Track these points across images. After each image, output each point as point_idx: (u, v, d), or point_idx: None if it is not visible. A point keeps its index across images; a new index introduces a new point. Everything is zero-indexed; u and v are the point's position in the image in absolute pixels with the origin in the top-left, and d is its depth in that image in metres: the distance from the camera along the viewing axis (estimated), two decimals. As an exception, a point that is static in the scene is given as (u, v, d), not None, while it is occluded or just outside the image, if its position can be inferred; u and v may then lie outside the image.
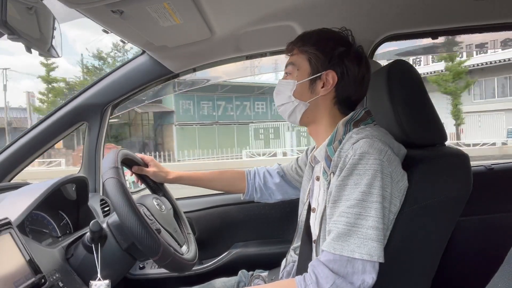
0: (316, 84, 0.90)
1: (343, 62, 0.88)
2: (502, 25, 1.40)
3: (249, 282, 1.17)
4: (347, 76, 0.88)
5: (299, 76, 0.91)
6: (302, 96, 0.91)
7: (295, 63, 0.93)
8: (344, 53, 0.88)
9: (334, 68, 0.88)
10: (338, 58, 0.88)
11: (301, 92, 0.91)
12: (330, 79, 0.88)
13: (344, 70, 0.88)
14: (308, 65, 0.90)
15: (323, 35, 0.92)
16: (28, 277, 0.78)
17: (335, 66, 0.88)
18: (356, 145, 0.78)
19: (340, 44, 0.89)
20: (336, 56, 0.88)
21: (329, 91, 0.89)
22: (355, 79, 0.89)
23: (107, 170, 0.93)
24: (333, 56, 0.88)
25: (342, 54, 0.88)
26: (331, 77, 0.88)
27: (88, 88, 1.49)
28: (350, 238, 0.74)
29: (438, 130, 0.93)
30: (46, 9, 0.78)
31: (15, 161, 1.42)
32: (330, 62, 0.88)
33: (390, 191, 0.77)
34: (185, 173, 1.25)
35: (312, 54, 0.90)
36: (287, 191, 1.22)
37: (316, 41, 0.90)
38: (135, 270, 1.54)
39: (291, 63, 0.94)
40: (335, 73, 0.88)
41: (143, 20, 1.03)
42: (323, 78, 0.89)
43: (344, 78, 0.88)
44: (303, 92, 0.91)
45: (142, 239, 0.85)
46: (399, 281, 0.85)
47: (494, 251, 0.83)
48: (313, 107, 0.92)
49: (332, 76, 0.88)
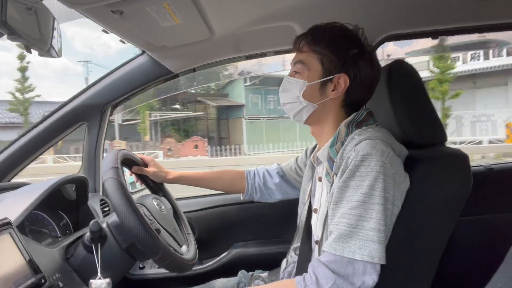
0: (327, 86, 0.87)
1: (357, 65, 0.85)
2: (502, 25, 1.40)
3: (249, 283, 1.16)
4: (359, 79, 0.85)
5: (310, 77, 0.87)
6: (312, 97, 0.88)
7: (305, 62, 0.88)
8: (358, 55, 0.85)
9: (347, 71, 0.85)
10: (351, 61, 0.85)
11: (310, 94, 0.88)
12: (342, 83, 0.85)
13: (357, 73, 0.85)
14: (320, 66, 0.87)
15: (336, 33, 0.87)
16: (28, 277, 0.78)
17: (348, 69, 0.85)
18: (358, 146, 0.78)
19: (353, 45, 0.86)
20: (350, 59, 0.85)
21: (340, 94, 0.87)
22: (366, 82, 0.87)
23: (107, 170, 0.93)
24: (346, 58, 0.84)
25: (355, 56, 0.85)
26: (343, 81, 0.85)
27: (88, 88, 1.49)
28: (351, 239, 0.73)
29: (438, 130, 0.93)
30: (46, 9, 0.78)
31: (15, 161, 1.42)
32: (343, 65, 0.85)
33: (393, 193, 0.76)
34: (185, 173, 1.25)
35: (325, 55, 0.86)
36: (287, 191, 1.22)
37: (329, 41, 0.86)
38: (135, 270, 1.54)
39: (301, 61, 0.89)
40: (347, 76, 0.85)
41: (143, 20, 1.03)
42: (334, 81, 0.86)
43: (356, 81, 0.85)
44: (313, 93, 0.88)
45: (142, 239, 0.85)
46: (399, 280, 0.85)
47: (494, 251, 0.83)
48: (320, 109, 0.89)
49: (344, 80, 0.85)
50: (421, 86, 0.94)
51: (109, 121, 1.58)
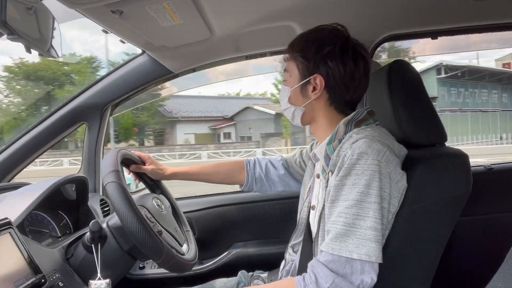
0: (307, 88, 0.91)
1: (327, 64, 0.87)
2: (502, 25, 1.40)
3: (249, 283, 1.16)
4: (333, 77, 0.87)
5: (291, 83, 0.94)
6: (296, 101, 0.94)
7: (288, 70, 0.96)
8: (328, 54, 0.87)
9: (319, 71, 0.88)
10: (321, 61, 0.88)
11: (294, 98, 0.94)
12: (319, 83, 0.89)
13: (329, 71, 0.87)
14: (297, 71, 0.92)
15: (308, 38, 0.92)
16: (28, 277, 0.78)
17: (320, 69, 0.88)
18: (355, 144, 0.78)
19: (325, 45, 0.88)
20: (319, 59, 0.88)
21: (321, 94, 0.90)
22: (343, 77, 0.87)
23: (107, 174, 0.92)
24: (316, 59, 0.88)
25: (325, 56, 0.87)
26: (319, 81, 0.89)
27: (88, 88, 1.49)
28: (348, 238, 0.74)
29: (437, 130, 0.93)
30: (46, 9, 0.78)
31: (15, 161, 1.42)
32: (314, 66, 0.89)
33: (389, 192, 0.77)
34: (182, 169, 1.24)
35: (299, 60, 0.91)
36: (289, 183, 1.22)
37: (302, 46, 0.91)
38: (135, 270, 1.54)
39: (286, 69, 0.96)
40: (321, 76, 0.88)
41: (143, 20, 1.03)
42: (312, 82, 0.89)
43: (331, 79, 0.88)
44: (296, 97, 0.94)
45: (146, 244, 0.85)
46: (399, 280, 0.85)
47: (494, 251, 0.83)
48: (309, 110, 0.93)
49: (320, 80, 0.88)
50: (421, 86, 0.94)
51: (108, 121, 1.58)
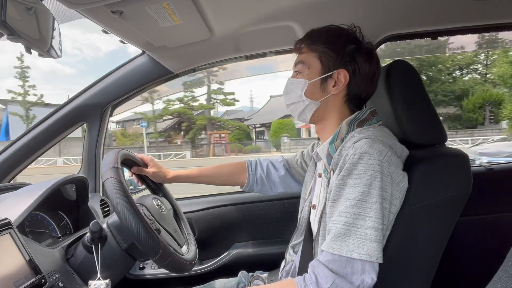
0: (328, 83, 0.89)
1: (355, 60, 0.87)
2: (502, 25, 1.40)
3: (249, 283, 1.16)
4: (359, 73, 0.87)
5: (310, 75, 0.90)
6: (314, 95, 0.90)
7: (305, 62, 0.91)
8: (355, 50, 0.87)
9: (346, 66, 0.87)
10: (349, 56, 0.87)
11: (312, 91, 0.90)
12: (342, 78, 0.87)
13: (356, 68, 0.87)
14: (319, 63, 0.89)
15: (332, 32, 0.90)
16: (28, 278, 0.78)
17: (346, 64, 0.87)
18: (357, 144, 0.78)
19: (350, 41, 0.88)
20: (347, 54, 0.87)
21: (341, 90, 0.89)
22: (366, 76, 0.88)
23: (107, 170, 0.93)
24: (344, 54, 0.87)
25: (353, 52, 0.87)
26: (342, 76, 0.87)
27: (88, 88, 1.49)
28: (349, 238, 0.73)
29: (438, 130, 0.93)
30: (46, 9, 0.78)
31: (15, 162, 1.42)
32: (341, 60, 0.87)
33: (391, 192, 0.76)
34: (183, 172, 1.24)
35: (323, 52, 0.88)
36: (290, 185, 1.21)
37: (327, 38, 0.89)
38: (135, 270, 1.54)
39: (301, 61, 0.92)
40: (346, 71, 0.87)
41: (143, 20, 1.03)
42: (334, 76, 0.88)
43: (355, 76, 0.87)
44: (315, 91, 0.90)
45: (142, 239, 0.85)
46: (399, 280, 0.85)
47: (494, 251, 0.83)
48: (323, 105, 0.91)
49: (344, 75, 0.87)
50: (421, 86, 0.94)
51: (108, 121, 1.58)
